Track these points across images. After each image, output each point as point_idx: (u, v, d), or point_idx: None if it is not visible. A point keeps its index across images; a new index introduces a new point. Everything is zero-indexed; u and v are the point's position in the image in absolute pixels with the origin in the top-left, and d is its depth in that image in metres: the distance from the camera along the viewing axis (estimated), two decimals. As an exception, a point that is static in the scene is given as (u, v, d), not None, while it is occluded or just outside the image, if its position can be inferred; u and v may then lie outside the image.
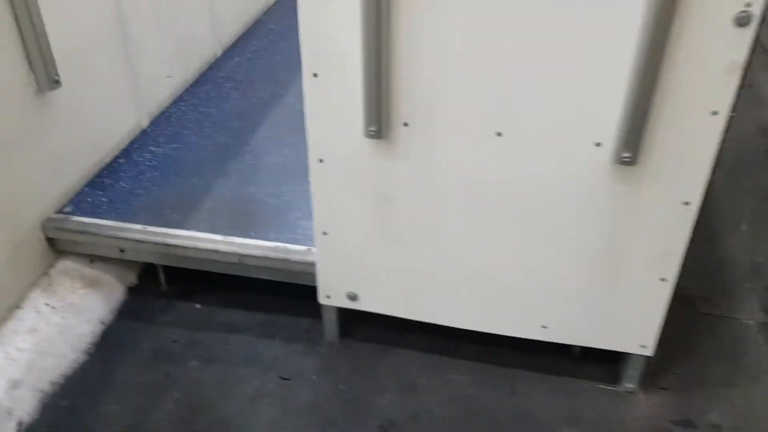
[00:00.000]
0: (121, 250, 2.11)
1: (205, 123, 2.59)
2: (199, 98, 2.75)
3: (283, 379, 1.92)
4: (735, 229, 2.44)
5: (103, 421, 1.82)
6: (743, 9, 1.29)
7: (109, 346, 2.04)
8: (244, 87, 2.82)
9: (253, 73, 2.93)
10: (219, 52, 3.07)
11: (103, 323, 2.10)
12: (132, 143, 2.48)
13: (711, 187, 2.64)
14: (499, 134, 1.54)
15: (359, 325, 2.03)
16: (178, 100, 2.73)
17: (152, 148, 2.45)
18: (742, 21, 1.30)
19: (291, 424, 1.80)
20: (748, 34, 1.31)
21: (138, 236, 2.06)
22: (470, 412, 1.82)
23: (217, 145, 2.46)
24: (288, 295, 2.08)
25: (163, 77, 2.70)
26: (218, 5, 3.01)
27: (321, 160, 1.68)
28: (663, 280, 1.65)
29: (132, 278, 2.26)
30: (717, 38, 1.32)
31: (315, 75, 1.56)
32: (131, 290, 2.22)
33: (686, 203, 1.53)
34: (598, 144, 1.50)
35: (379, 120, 1.54)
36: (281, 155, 2.38)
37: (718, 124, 1.42)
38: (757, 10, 1.29)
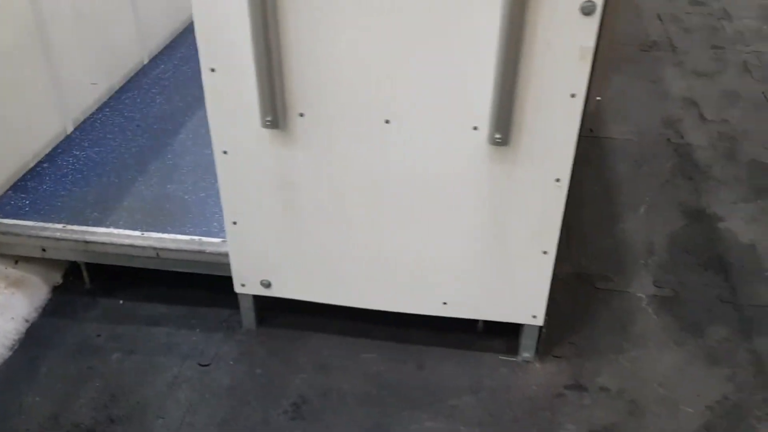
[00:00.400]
0: (43, 249, 2.17)
1: (128, 127, 2.66)
2: (125, 104, 2.82)
3: (201, 365, 2.00)
4: (634, 212, 2.61)
5: (25, 412, 1.87)
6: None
7: (33, 342, 2.09)
8: (169, 92, 2.90)
9: (178, 78, 3.01)
10: (146, 59, 3.14)
11: (27, 321, 2.16)
12: (56, 148, 2.53)
13: (615, 175, 2.82)
14: (387, 122, 1.66)
15: (277, 312, 2.13)
16: (104, 106, 2.80)
17: (76, 152, 2.51)
18: (587, 10, 1.44)
19: (207, 406, 1.89)
20: (594, 21, 1.46)
21: (58, 235, 2.12)
22: (378, 387, 1.93)
23: (139, 148, 2.53)
24: (208, 287, 2.17)
25: (88, 84, 2.77)
26: (144, 14, 3.08)
27: (225, 152, 1.78)
28: (545, 253, 1.79)
29: (57, 278, 2.32)
30: (567, 26, 1.47)
31: (212, 70, 1.66)
32: (56, 289, 2.28)
33: (557, 180, 1.67)
34: (475, 128, 1.63)
35: (274, 110, 1.65)
36: (202, 155, 2.47)
37: (577, 106, 1.56)
38: (599, 0, 1.44)
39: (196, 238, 2.06)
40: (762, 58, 3.72)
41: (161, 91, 2.92)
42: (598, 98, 1.71)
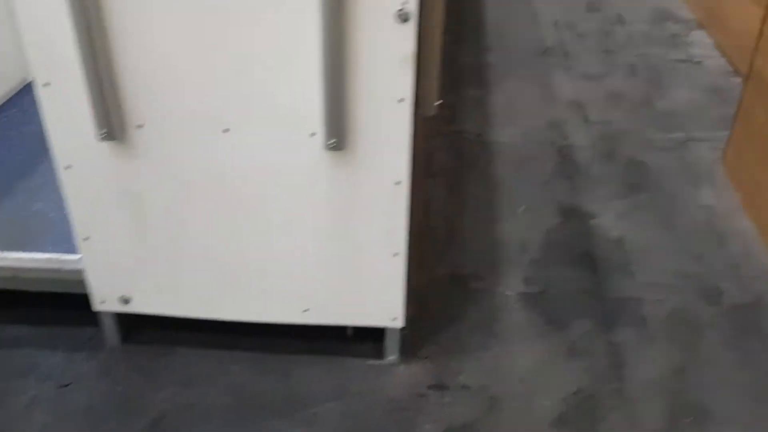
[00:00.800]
0: None
1: (2, 148, 2.60)
2: (1, 123, 2.75)
3: (60, 386, 1.95)
4: (513, 213, 2.67)
5: None
6: (400, 7, 1.47)
7: None
8: (48, 109, 2.85)
9: (60, 95, 2.96)
10: (28, 77, 3.08)
11: None
12: (-76, 175, 2.46)
13: (499, 177, 2.88)
14: (226, 130, 1.67)
15: (143, 327, 2.10)
16: (-21, 127, 2.73)
17: (-57, 177, 2.44)
18: (402, 17, 1.48)
19: (64, 427, 1.84)
20: (410, 28, 1.49)
21: None
22: (242, 399, 1.92)
23: (10, 167, 2.47)
24: (74, 306, 2.12)
25: (-38, 105, 2.70)
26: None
27: (68, 167, 1.76)
28: (395, 254, 1.81)
29: None
30: (386, 33, 1.50)
31: (46, 84, 1.64)
32: None
33: (397, 183, 1.70)
34: (312, 134, 1.65)
35: (109, 123, 1.64)
36: (72, 171, 2.42)
37: (406, 110, 1.60)
38: (412, 8, 1.47)
39: (54, 256, 2.02)
40: (648, 60, 3.87)
41: (41, 108, 2.86)
42: (438, 102, 1.74)
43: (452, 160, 3.02)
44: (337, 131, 1.61)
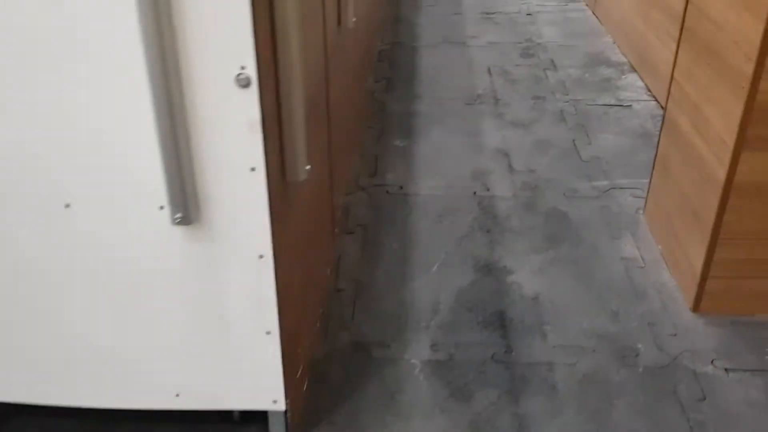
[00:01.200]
0: None
1: None
2: None
3: None
4: (427, 271, 2.55)
5: None
6: (239, 71, 1.36)
7: None
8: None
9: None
10: None
11: None
12: None
13: (416, 232, 2.75)
14: (67, 206, 1.53)
15: (16, 417, 1.92)
16: None
17: None
18: (242, 82, 1.37)
19: None
20: (252, 93, 1.38)
21: None
22: (108, 496, 1.75)
23: None
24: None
25: None
26: None
27: None
28: (268, 333, 1.67)
29: None
30: (227, 99, 1.39)
31: None
32: None
33: (261, 256, 1.57)
34: (161, 207, 1.51)
35: (-64, 203, 1.49)
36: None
37: (260, 180, 1.47)
38: (252, 72, 1.36)
39: None
40: (578, 105, 3.82)
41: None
42: (308, 167, 1.63)
43: (370, 214, 2.90)
44: (184, 204, 1.47)
